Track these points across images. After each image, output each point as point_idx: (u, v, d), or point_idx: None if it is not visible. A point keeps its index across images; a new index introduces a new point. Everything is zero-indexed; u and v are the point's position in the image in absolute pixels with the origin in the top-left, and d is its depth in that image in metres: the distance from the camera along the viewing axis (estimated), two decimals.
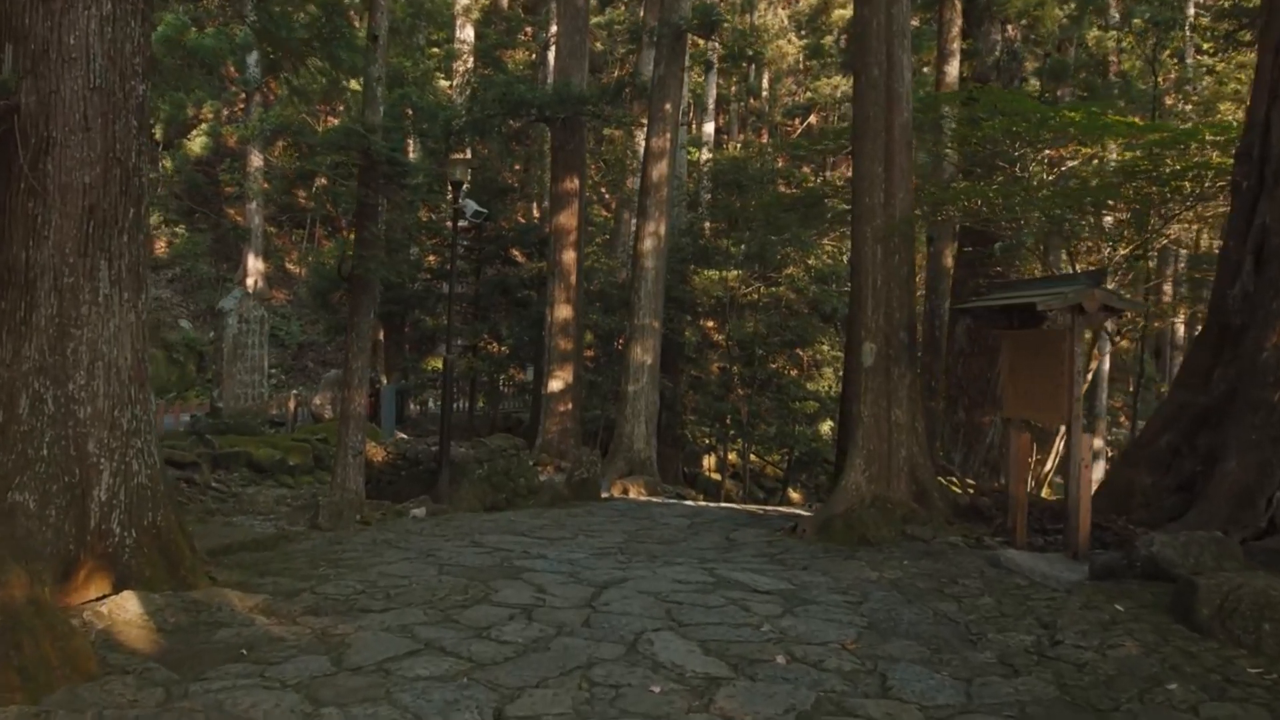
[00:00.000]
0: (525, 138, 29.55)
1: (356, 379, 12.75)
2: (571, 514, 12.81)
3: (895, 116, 10.77)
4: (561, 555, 8.37)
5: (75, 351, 6.19)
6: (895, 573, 7.81)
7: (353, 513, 11.69)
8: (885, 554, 8.69)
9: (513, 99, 21.34)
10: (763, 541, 9.89)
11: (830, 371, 32.23)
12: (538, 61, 36.93)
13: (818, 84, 44.56)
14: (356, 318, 12.74)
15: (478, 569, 7.52)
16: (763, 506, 17.11)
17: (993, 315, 9.64)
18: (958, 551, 8.64)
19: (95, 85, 6.27)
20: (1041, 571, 7.63)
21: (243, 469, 16.40)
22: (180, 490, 13.14)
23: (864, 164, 10.85)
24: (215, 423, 17.50)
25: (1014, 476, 9.00)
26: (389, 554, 8.25)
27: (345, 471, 12.59)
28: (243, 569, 7.42)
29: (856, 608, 6.65)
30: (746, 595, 6.90)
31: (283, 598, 6.34)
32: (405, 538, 9.48)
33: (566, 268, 22.03)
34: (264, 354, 18.66)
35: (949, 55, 16.96)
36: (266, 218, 35.34)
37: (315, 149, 12.23)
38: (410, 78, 27.96)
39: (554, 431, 22.06)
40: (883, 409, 10.54)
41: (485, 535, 9.70)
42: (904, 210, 10.74)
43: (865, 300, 10.71)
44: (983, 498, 10.92)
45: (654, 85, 21.23)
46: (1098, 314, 7.95)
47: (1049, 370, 8.30)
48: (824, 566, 8.17)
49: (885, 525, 9.64)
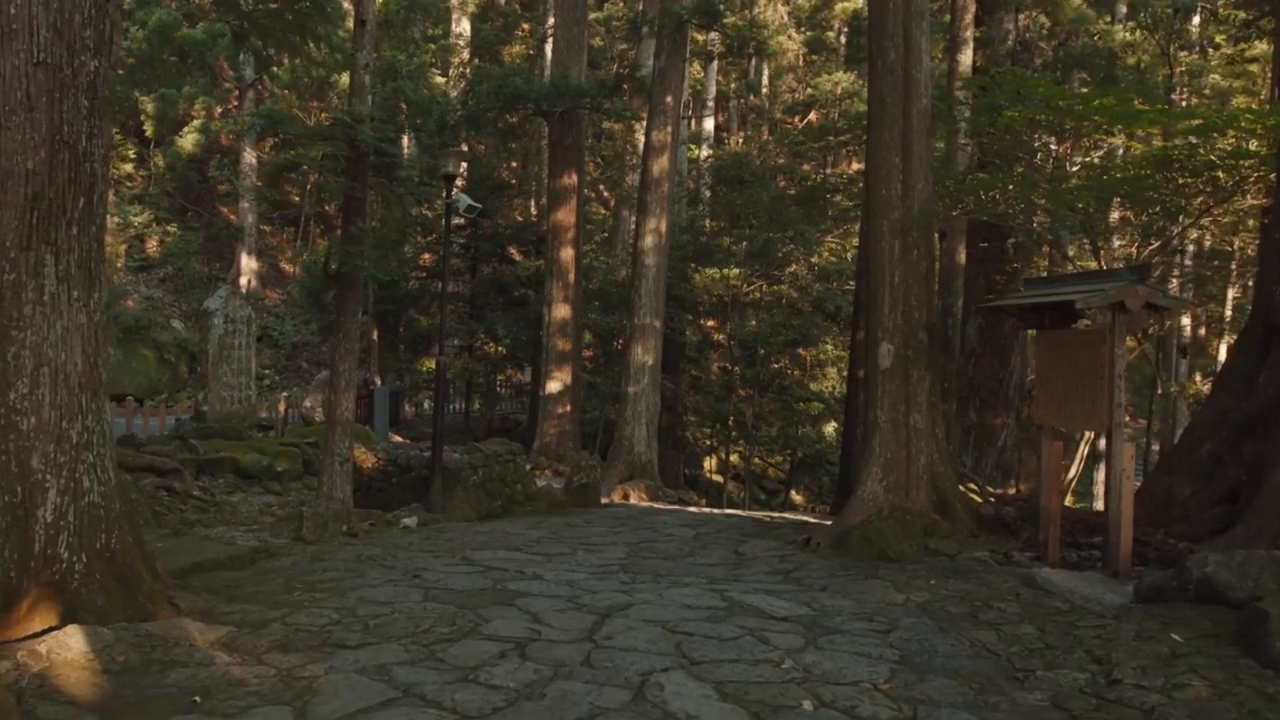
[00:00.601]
0: (522, 133, 28.90)
1: (344, 382, 12.09)
2: (570, 523, 12.18)
3: (913, 102, 10.13)
4: (559, 575, 7.73)
5: (17, 357, 5.55)
6: (923, 594, 7.17)
7: (339, 524, 11.05)
8: (908, 572, 8.05)
9: (509, 92, 20.71)
10: (774, 556, 9.25)
11: (834, 371, 31.62)
12: (534, 55, 36.28)
13: (818, 80, 43.96)
14: (343, 317, 12.07)
15: (467, 593, 6.88)
16: (770, 514, 16.45)
17: (1024, 314, 8.99)
18: (987, 569, 8.00)
19: (39, 60, 5.63)
20: (1082, 593, 7.00)
21: (228, 475, 15.73)
22: (159, 500, 12.49)
23: (880, 153, 10.20)
24: (200, 427, 16.82)
25: (1046, 488, 8.36)
26: (372, 574, 7.61)
27: (332, 480, 11.92)
28: (211, 593, 6.78)
29: (885, 637, 6.02)
30: (763, 623, 6.26)
31: (250, 630, 5.70)
32: (392, 553, 8.84)
33: (565, 265, 21.41)
34: (251, 355, 17.98)
35: (961, 44, 16.32)
36: (260, 216, 34.80)
37: (300, 141, 11.53)
38: (404, 71, 27.30)
39: (552, 434, 21.46)
40: (901, 414, 9.91)
41: (478, 550, 9.06)
42: (923, 202, 10.10)
43: (882, 298, 10.08)
44: (1006, 508, 10.29)
45: (655, 77, 20.60)
46: (1141, 313, 7.33)
47: (1086, 374, 7.67)
48: (844, 587, 7.54)
49: (906, 539, 9.01)
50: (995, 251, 17.27)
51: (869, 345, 10.42)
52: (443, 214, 14.61)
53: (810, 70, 48.75)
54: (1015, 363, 18.48)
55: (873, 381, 10.12)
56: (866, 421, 10.30)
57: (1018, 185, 10.53)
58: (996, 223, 13.42)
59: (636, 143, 33.70)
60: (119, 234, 32.04)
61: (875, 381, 10.05)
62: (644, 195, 20.46)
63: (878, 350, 10.07)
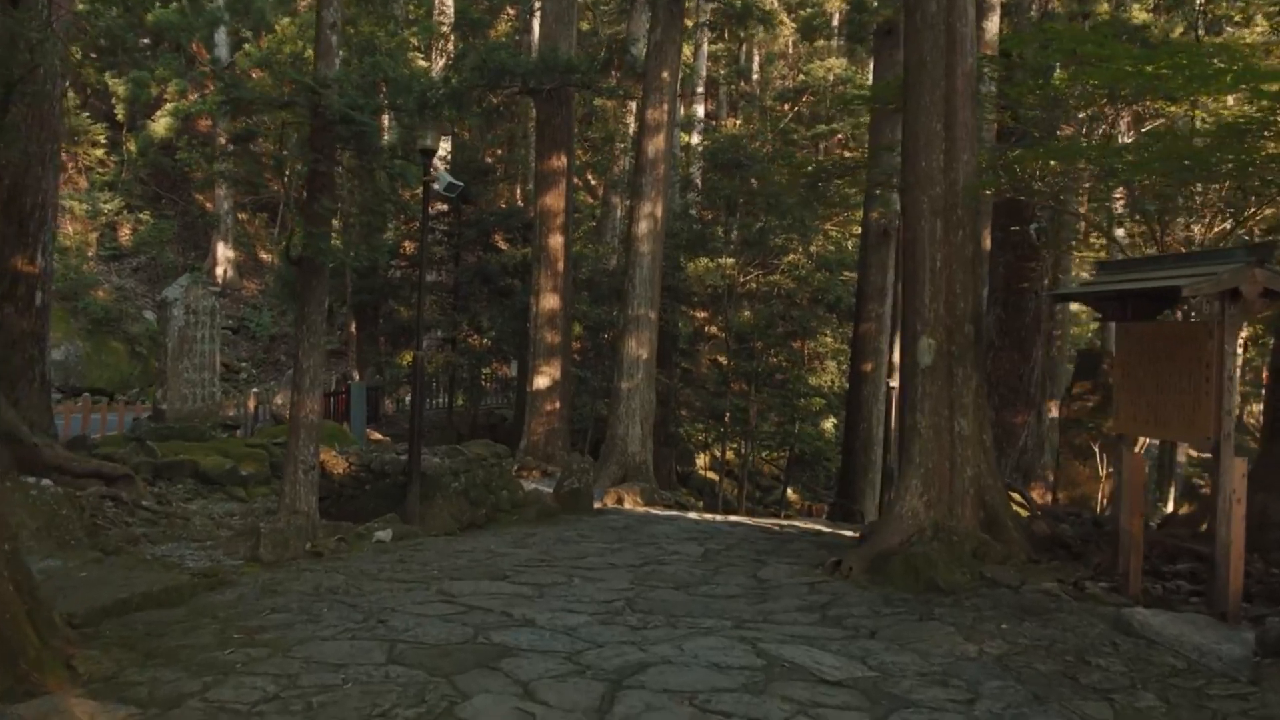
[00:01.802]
0: (508, 114, 27.57)
1: (308, 380, 10.73)
2: (562, 537, 10.90)
3: (958, 61, 8.84)
4: (555, 618, 6.40)
5: None
6: (997, 644, 5.90)
7: (302, 541, 9.76)
8: (968, 609, 6.78)
9: (494, 67, 19.34)
10: (801, 584, 7.98)
11: (834, 365, 30.42)
12: (521, 30, 34.81)
13: (811, 66, 42.75)
14: (308, 308, 10.70)
15: (442, 649, 5.55)
16: (777, 522, 15.19)
17: (1102, 303, 7.68)
18: (1062, 606, 6.72)
19: None
20: (1193, 643, 5.74)
21: (187, 480, 14.36)
22: (102, 511, 11.12)
23: (920, 119, 8.90)
24: (158, 427, 15.41)
25: (1128, 507, 7.07)
26: (329, 616, 6.29)
27: (295, 490, 10.57)
28: (126, 647, 5.47)
29: (969, 711, 4.75)
30: (813, 692, 4.98)
31: (157, 712, 4.39)
32: (357, 583, 7.52)
33: (553, 253, 20.09)
34: (216, 349, 16.59)
35: (988, 10, 15.08)
36: (236, 204, 33.45)
37: (257, 108, 10.19)
38: (384, 48, 25.90)
39: (540, 433, 20.16)
40: (944, 418, 8.64)
41: (457, 580, 7.73)
42: (969, 175, 8.83)
43: (921, 286, 8.80)
44: (1062, 525, 9.02)
45: (650, 51, 19.23)
46: (1256, 301, 6.07)
47: (1185, 374, 6.41)
48: (897, 631, 6.25)
49: (956, 565, 7.74)
50: (1019, 236, 16.02)
51: (905, 339, 9.16)
52: (422, 196, 13.23)
53: (802, 57, 47.66)
54: (1037, 357, 17.28)
55: (911, 381, 8.85)
56: (903, 426, 9.03)
57: (1081, 154, 9.20)
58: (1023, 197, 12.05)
59: (628, 125, 32.41)
60: (89, 222, 30.74)
61: (914, 381, 8.78)
62: (638, 178, 19.09)
63: (916, 345, 8.79)
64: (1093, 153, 9.15)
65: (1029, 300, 16.88)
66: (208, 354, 16.37)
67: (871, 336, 22.41)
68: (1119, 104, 9.99)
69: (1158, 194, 9.31)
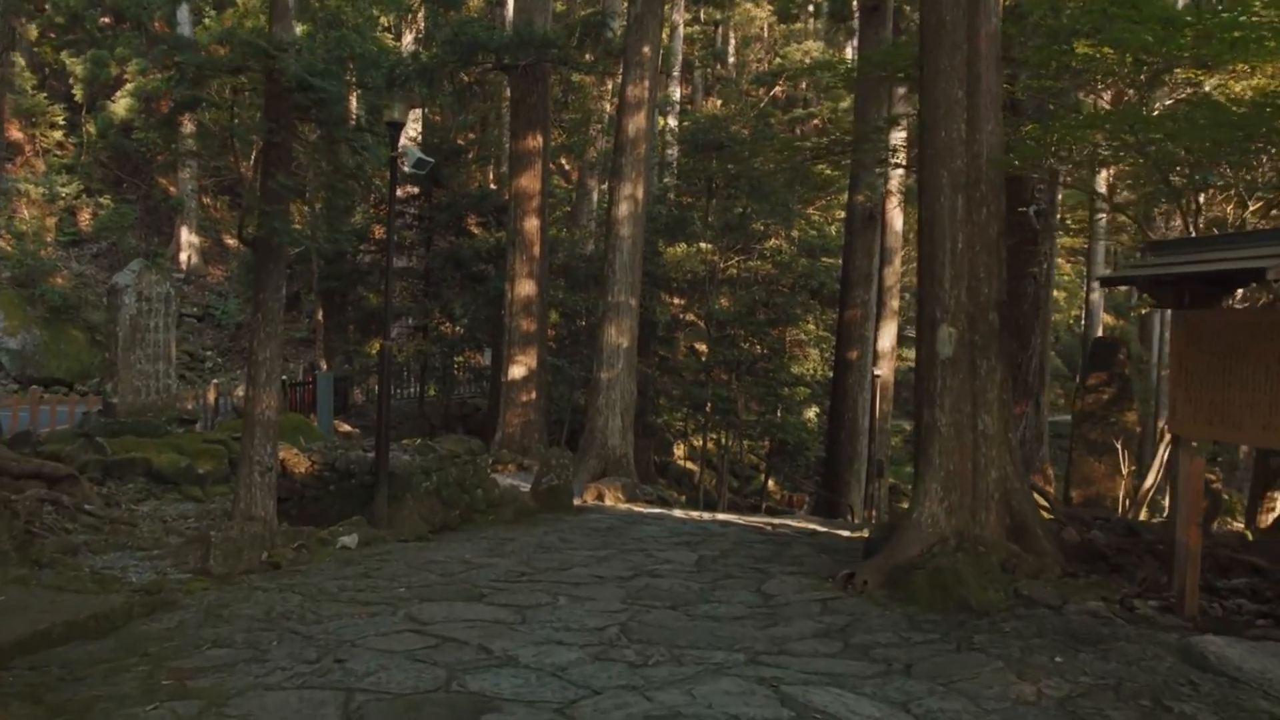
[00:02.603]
0: (481, 93, 26.58)
1: (264, 373, 9.80)
2: (543, 543, 10.06)
3: (981, 23, 8.02)
4: (541, 654, 5.51)
5: None
6: (1055, 681, 5.09)
7: (257, 551, 8.86)
8: (1009, 634, 5.97)
9: (467, 42, 18.41)
10: (812, 602, 7.15)
11: (817, 353, 29.68)
12: (495, 6, 33.73)
13: (787, 50, 42.02)
14: (264, 294, 9.77)
15: (409, 703, 4.64)
16: (768, 521, 14.36)
17: (1157, 288, 6.85)
18: (1114, 632, 5.92)
19: None
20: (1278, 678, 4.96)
21: (139, 480, 13.37)
22: (40, 517, 10.15)
23: (939, 85, 8.07)
24: (108, 422, 14.40)
25: (1185, 516, 6.28)
26: (277, 655, 5.39)
27: (250, 495, 9.65)
28: (30, 698, 4.59)
29: None
30: None
31: None
32: (315, 606, 6.63)
33: (529, 237, 19.20)
34: (172, 339, 15.56)
35: None
36: (201, 188, 32.38)
37: (205, 70, 9.21)
38: (351, 23, 24.87)
39: (516, 425, 19.30)
40: (966, 415, 7.84)
41: (428, 601, 6.84)
42: (994, 147, 8.02)
43: (941, 269, 7.98)
44: (1094, 531, 8.24)
45: (630, 25, 18.28)
46: None
47: (1260, 369, 5.61)
48: (935, 666, 5.43)
49: (987, 581, 6.93)
50: (1019, 218, 15.27)
51: (922, 328, 8.34)
52: (389, 174, 12.30)
53: (779, 40, 46.97)
54: (1035, 345, 16.54)
55: (929, 374, 8.03)
56: (921, 424, 8.20)
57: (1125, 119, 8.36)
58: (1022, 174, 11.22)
59: (605, 105, 31.49)
60: (47, 206, 29.64)
61: (933, 374, 7.96)
62: (618, 158, 18.15)
63: (935, 335, 7.98)
64: (1134, 121, 8.33)
65: (1028, 286, 16.12)
66: (162, 343, 15.35)
67: (857, 323, 21.64)
68: (1145, 72, 9.18)
69: (1193, 167, 8.50)
